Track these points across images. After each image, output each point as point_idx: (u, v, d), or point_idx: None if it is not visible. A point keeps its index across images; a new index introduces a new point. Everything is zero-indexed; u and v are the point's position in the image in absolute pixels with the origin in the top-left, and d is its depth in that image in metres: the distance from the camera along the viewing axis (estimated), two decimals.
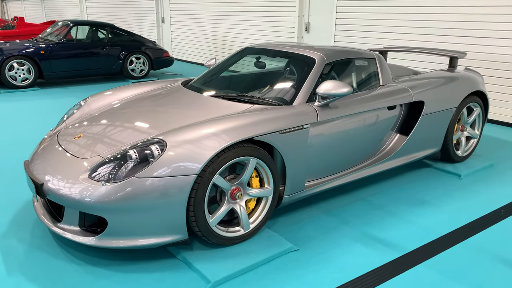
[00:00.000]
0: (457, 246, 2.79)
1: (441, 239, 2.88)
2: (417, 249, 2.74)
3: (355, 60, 3.64)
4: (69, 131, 3.11)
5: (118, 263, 2.55)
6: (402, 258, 2.64)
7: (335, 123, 3.13)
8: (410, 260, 2.62)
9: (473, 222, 3.11)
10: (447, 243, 2.83)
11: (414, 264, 2.58)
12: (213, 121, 2.63)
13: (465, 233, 2.95)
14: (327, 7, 7.92)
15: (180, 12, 12.23)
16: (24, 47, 7.75)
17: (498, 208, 3.34)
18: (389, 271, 2.51)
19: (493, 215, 3.22)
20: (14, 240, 2.78)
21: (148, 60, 9.14)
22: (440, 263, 2.60)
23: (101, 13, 16.83)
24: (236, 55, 3.97)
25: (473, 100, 4.14)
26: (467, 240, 2.87)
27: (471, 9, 5.92)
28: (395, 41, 6.95)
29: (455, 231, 2.98)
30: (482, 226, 3.06)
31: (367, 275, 2.47)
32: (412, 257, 2.66)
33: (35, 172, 2.71)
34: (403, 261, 2.61)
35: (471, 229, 3.01)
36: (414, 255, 2.68)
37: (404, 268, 2.54)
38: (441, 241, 2.85)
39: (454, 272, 2.51)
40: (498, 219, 3.17)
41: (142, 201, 2.35)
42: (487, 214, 3.23)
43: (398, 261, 2.61)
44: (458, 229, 3.00)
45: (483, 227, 3.04)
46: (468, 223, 3.09)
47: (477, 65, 6.01)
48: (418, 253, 2.70)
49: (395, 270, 2.52)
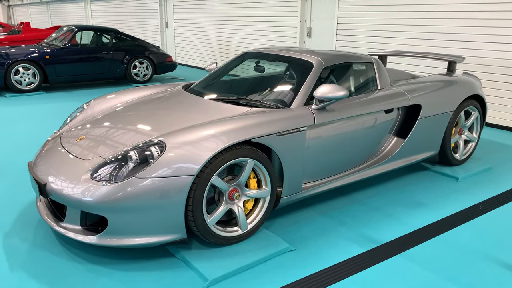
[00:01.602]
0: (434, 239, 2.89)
1: (418, 232, 2.96)
2: (393, 241, 2.81)
3: (353, 64, 3.70)
4: (72, 133, 3.18)
5: (119, 261, 2.62)
6: (379, 249, 2.70)
7: (332, 125, 3.19)
8: (387, 251, 2.67)
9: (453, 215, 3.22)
10: (425, 236, 2.93)
11: (391, 255, 2.63)
12: (212, 123, 2.70)
13: (443, 227, 3.06)
14: (329, 12, 8.00)
15: (183, 17, 12.35)
16: (29, 51, 7.87)
17: (477, 204, 3.45)
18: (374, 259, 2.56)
19: (473, 210, 3.34)
20: (17, 239, 2.85)
21: (152, 65, 9.24)
22: (415, 254, 2.65)
23: (106, 19, 17.01)
24: (237, 60, 4.04)
25: (470, 104, 4.19)
26: (444, 233, 2.99)
27: (470, 14, 5.98)
28: (395, 46, 7.01)
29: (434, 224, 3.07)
30: (460, 221, 3.15)
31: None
32: (388, 247, 2.74)
33: (38, 173, 2.78)
34: (380, 251, 2.66)
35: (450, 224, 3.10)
36: (391, 246, 2.75)
37: (382, 259, 2.60)
38: (419, 234, 2.92)
39: (427, 261, 2.55)
40: (476, 215, 3.28)
41: (142, 201, 2.41)
42: (467, 208, 3.35)
43: (376, 251, 2.66)
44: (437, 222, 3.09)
45: (461, 222, 3.15)
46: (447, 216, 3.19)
47: (475, 69, 6.05)
48: (395, 244, 2.77)
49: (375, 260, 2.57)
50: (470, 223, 3.16)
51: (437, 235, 2.98)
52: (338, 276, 2.49)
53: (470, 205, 3.43)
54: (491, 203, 3.49)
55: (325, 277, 2.48)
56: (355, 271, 2.54)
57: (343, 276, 2.49)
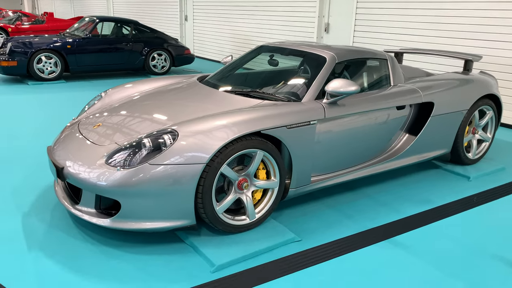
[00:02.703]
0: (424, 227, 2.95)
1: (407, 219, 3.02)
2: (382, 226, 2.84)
3: (367, 60, 3.72)
4: (89, 120, 3.29)
5: (129, 244, 2.72)
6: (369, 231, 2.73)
7: (342, 120, 3.22)
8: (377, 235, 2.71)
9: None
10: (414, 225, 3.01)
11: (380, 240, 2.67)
12: (223, 114, 2.77)
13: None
14: (347, 8, 7.97)
15: (203, 11, 12.44)
16: (52, 41, 8.06)
17: (471, 195, 3.56)
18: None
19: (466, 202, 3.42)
20: (35, 220, 2.98)
21: (170, 57, 9.36)
22: (404, 241, 2.68)
23: (127, 10, 17.22)
24: (252, 53, 4.10)
25: (485, 103, 4.16)
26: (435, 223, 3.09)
27: (488, 12, 5.89)
28: (412, 43, 6.96)
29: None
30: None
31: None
32: (378, 231, 2.76)
33: (56, 157, 2.90)
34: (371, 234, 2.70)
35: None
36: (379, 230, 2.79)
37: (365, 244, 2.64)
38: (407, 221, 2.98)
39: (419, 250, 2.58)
40: (470, 206, 3.36)
41: (154, 187, 2.50)
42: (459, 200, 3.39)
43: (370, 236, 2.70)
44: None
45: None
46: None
47: (493, 68, 5.97)
48: (382, 229, 2.80)
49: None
50: (469, 215, 3.18)
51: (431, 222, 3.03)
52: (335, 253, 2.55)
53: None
54: (486, 196, 3.50)
55: (323, 253, 2.54)
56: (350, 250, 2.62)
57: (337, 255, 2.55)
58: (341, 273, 2.49)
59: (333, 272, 2.50)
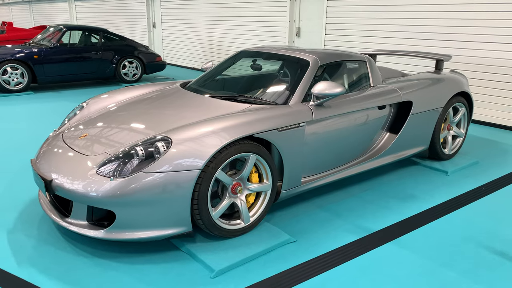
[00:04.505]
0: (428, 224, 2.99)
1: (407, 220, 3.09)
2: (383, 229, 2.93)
3: (346, 62, 3.82)
4: (73, 131, 3.22)
5: (125, 255, 2.67)
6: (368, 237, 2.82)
7: (329, 121, 3.29)
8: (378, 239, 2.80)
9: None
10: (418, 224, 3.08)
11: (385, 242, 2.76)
12: (215, 120, 2.77)
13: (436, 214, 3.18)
14: (317, 12, 8.13)
15: (171, 18, 12.36)
16: (17, 51, 7.80)
17: (479, 186, 3.68)
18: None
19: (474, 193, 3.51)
20: (22, 236, 2.88)
21: (141, 64, 9.24)
22: (404, 241, 2.78)
23: (91, 18, 16.87)
24: (232, 58, 4.12)
25: (458, 101, 4.35)
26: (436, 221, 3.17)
27: (457, 14, 6.16)
28: (383, 45, 7.17)
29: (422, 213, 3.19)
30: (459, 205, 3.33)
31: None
32: (380, 235, 2.85)
33: (42, 170, 2.81)
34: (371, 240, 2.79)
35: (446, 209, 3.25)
36: (381, 233, 2.87)
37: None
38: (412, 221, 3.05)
39: (414, 245, 2.68)
40: (477, 197, 3.52)
41: (149, 195, 2.47)
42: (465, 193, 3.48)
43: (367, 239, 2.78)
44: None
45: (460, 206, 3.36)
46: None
47: (462, 67, 6.25)
48: (386, 232, 2.89)
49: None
50: (460, 211, 3.31)
51: (429, 222, 3.13)
52: (336, 262, 2.60)
53: (460, 194, 3.64)
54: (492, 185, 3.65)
55: (323, 263, 2.58)
56: (351, 257, 2.66)
57: (340, 262, 2.60)
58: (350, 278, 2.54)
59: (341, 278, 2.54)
